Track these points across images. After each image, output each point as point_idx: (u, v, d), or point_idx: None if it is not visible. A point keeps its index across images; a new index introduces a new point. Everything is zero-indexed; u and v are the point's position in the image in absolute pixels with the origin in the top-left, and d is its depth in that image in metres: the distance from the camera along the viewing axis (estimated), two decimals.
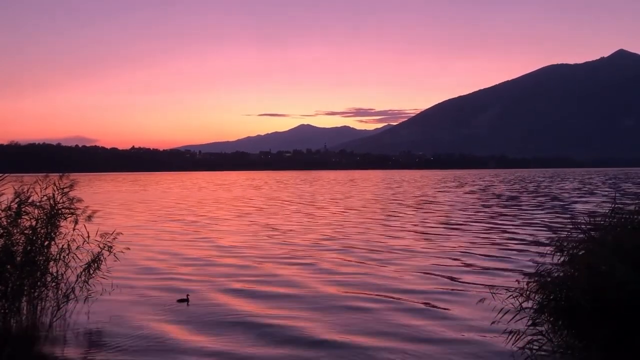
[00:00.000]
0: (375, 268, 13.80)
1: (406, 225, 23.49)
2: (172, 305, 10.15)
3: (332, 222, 25.38)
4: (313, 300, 10.48)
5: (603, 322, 6.16)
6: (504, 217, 27.08)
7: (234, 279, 12.46)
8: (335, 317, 9.33)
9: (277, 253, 16.21)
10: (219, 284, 11.92)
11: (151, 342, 8.08)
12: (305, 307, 10.01)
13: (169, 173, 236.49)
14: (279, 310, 9.74)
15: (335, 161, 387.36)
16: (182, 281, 12.24)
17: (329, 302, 10.40)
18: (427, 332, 8.50)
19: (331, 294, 10.99)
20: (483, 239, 18.90)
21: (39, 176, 9.37)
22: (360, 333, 8.44)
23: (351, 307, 10.01)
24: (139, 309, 9.88)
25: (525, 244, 17.54)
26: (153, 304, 10.30)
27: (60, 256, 8.95)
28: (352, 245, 17.62)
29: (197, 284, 11.97)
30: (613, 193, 46.72)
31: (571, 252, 6.96)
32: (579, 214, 26.07)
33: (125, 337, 8.28)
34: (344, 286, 11.73)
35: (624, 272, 5.96)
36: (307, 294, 11.04)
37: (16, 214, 8.70)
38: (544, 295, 6.56)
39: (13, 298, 8.43)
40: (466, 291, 11.12)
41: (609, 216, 7.15)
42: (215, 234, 21.25)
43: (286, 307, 10.02)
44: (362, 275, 12.83)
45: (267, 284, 11.92)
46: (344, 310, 9.75)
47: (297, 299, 10.64)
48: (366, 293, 11.07)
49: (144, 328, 8.73)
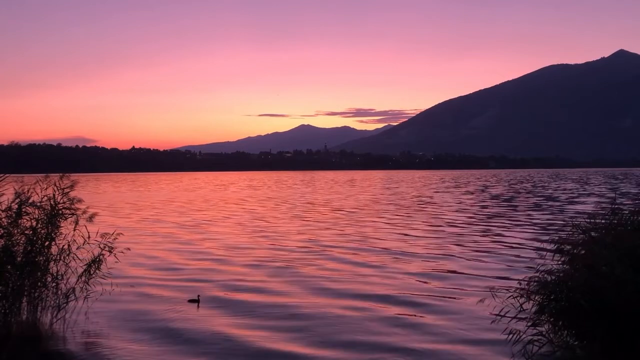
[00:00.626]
0: (363, 271, 13.78)
1: (405, 227, 23.50)
2: (183, 306, 10.12)
3: (321, 224, 24.80)
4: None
5: (603, 322, 6.17)
6: (499, 218, 27.07)
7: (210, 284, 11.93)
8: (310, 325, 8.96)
9: (259, 257, 15.59)
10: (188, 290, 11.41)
11: (150, 343, 8.08)
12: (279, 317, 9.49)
13: (168, 173, 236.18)
14: (251, 320, 9.28)
15: (335, 161, 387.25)
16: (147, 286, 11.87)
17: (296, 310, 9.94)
18: (426, 333, 8.51)
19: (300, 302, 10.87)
20: (475, 239, 18.91)
21: (39, 176, 9.37)
22: (358, 335, 8.47)
23: (337, 313, 10.01)
24: (139, 309, 9.91)
25: (517, 246, 17.53)
26: (148, 304, 10.32)
27: (60, 256, 8.95)
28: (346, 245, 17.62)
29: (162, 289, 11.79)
30: (607, 194, 46.71)
31: (571, 252, 6.97)
32: (573, 214, 26.09)
33: (125, 337, 8.30)
34: (324, 293, 11.61)
35: (624, 272, 5.97)
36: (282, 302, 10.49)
37: (16, 215, 8.70)
38: (544, 296, 6.57)
39: (13, 298, 8.43)
40: (466, 291, 11.12)
41: (609, 216, 7.16)
42: (197, 236, 20.68)
43: (261, 316, 9.51)
44: (350, 276, 12.85)
45: (236, 290, 11.35)
46: (323, 317, 9.48)
47: (273, 307, 10.06)
48: (356, 297, 11.07)
49: (142, 329, 8.75)
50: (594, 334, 6.26)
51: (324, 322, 9.04)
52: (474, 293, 10.65)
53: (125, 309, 9.91)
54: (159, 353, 7.63)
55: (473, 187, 67.09)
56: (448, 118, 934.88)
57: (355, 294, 10.99)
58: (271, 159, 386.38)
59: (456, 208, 33.80)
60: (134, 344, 8.00)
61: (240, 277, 12.75)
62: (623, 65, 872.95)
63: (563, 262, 6.99)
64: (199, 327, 8.82)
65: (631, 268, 6.04)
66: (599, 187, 63.75)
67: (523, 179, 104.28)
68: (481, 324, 8.68)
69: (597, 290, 6.10)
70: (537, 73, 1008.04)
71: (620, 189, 54.61)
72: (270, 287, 11.77)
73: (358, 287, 11.63)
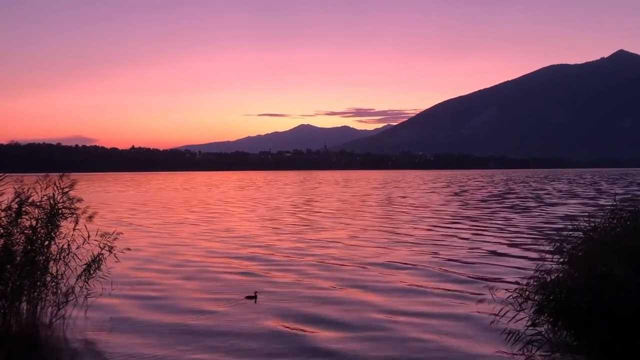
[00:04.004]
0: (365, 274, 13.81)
1: (410, 225, 23.54)
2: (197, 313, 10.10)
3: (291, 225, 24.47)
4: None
5: (602, 323, 6.17)
6: (476, 219, 27.10)
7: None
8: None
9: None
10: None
11: (149, 344, 8.09)
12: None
13: (166, 173, 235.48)
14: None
15: (335, 161, 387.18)
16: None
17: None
18: (425, 334, 8.52)
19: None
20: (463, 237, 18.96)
21: (39, 176, 9.36)
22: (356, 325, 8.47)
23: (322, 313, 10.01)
24: (136, 310, 9.93)
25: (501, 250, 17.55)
26: (141, 304, 10.33)
27: (60, 256, 8.95)
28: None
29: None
30: (592, 195, 46.33)
31: (571, 252, 6.99)
32: (555, 217, 26.16)
33: (125, 337, 8.31)
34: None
35: (623, 273, 5.97)
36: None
37: (16, 214, 8.70)
38: (543, 296, 6.57)
39: (13, 298, 8.43)
40: (466, 292, 11.13)
41: (609, 217, 7.17)
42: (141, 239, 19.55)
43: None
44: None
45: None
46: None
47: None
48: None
49: (140, 330, 8.76)
50: (593, 335, 6.27)
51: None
52: (474, 293, 10.66)
53: (124, 309, 9.92)
54: (159, 353, 7.64)
55: (459, 187, 66.88)
56: (447, 118, 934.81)
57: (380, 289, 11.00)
58: (271, 158, 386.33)
59: (434, 209, 33.89)
60: (133, 343, 8.01)
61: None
62: (623, 65, 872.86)
63: (562, 263, 7.00)
64: (198, 324, 8.84)
65: (631, 269, 6.04)
66: (585, 187, 63.71)
67: (517, 179, 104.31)
68: (480, 324, 8.68)
69: (597, 291, 6.11)
70: (537, 73, 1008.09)
71: (601, 190, 54.27)
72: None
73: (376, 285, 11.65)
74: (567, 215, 26.97)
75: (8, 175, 9.03)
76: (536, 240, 18.23)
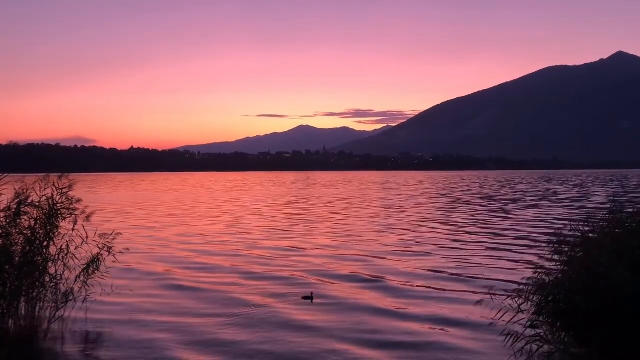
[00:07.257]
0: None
1: (404, 226, 23.55)
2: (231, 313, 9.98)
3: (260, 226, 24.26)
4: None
5: (601, 324, 6.18)
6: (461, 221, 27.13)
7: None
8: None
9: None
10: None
11: (149, 344, 8.09)
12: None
13: (161, 173, 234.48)
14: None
15: (334, 162, 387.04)
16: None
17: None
18: (424, 334, 8.52)
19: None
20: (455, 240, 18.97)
21: (38, 176, 9.34)
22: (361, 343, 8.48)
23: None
24: (136, 310, 9.91)
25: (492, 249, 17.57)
26: (140, 304, 10.32)
27: (59, 256, 8.93)
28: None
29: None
30: (576, 196, 46.20)
31: (569, 253, 6.99)
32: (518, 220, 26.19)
33: (125, 337, 8.30)
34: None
35: (622, 274, 5.97)
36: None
37: (15, 214, 8.69)
38: (542, 297, 6.58)
39: (11, 299, 8.40)
40: (465, 292, 11.13)
41: (607, 218, 7.17)
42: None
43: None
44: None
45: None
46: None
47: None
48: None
49: (139, 332, 8.75)
50: (592, 336, 6.27)
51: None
52: (473, 294, 10.66)
53: (124, 309, 9.91)
54: (159, 353, 7.64)
55: (446, 189, 66.66)
56: (447, 119, 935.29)
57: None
58: (270, 159, 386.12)
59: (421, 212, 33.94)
60: (133, 343, 8.00)
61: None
62: (622, 66, 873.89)
63: (561, 263, 7.00)
64: (194, 328, 8.83)
65: (629, 269, 6.05)
66: (576, 188, 63.73)
67: (512, 181, 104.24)
68: (479, 325, 8.68)
69: (595, 292, 6.11)
70: (536, 75, 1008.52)
71: (589, 192, 54.28)
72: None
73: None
74: (565, 217, 27.00)
75: (7, 175, 9.01)
76: (536, 241, 18.24)
